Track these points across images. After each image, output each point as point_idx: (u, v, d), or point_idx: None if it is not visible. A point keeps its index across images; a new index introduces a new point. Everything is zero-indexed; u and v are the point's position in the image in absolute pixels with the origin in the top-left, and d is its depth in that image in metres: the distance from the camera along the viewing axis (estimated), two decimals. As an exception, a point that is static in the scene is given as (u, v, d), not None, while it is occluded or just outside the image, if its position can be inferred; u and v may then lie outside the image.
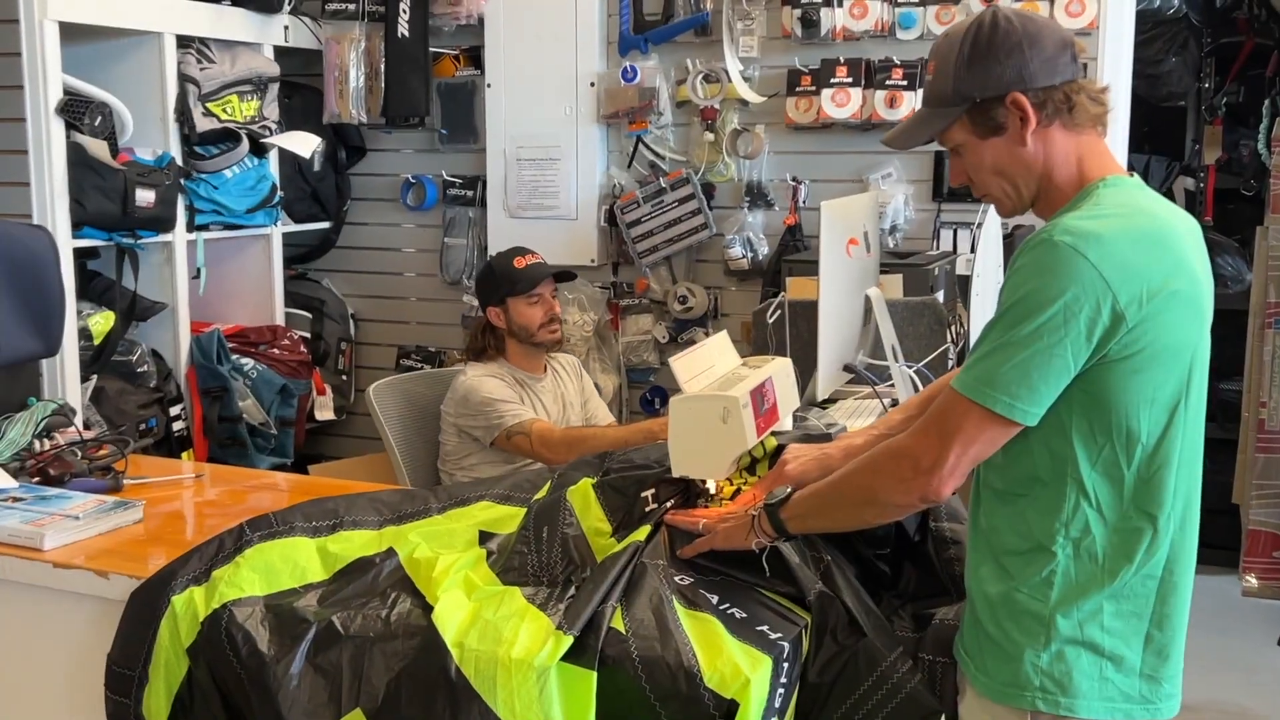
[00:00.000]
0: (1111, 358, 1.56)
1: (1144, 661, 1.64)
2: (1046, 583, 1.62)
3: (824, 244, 2.55)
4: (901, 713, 1.72)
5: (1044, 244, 1.56)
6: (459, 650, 1.76)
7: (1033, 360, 1.55)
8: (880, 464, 1.70)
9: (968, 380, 1.60)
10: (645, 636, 1.73)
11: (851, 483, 1.75)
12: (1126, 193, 1.65)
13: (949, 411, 1.61)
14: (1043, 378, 1.55)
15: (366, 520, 2.13)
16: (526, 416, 3.13)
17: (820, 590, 1.84)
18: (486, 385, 3.20)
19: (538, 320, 3.26)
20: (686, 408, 1.99)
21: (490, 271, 3.33)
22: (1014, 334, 1.55)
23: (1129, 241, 1.55)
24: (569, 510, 2.05)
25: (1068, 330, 1.53)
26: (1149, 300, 1.54)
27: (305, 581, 1.99)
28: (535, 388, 3.32)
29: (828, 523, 1.82)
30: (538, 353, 3.33)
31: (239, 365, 4.03)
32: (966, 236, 3.74)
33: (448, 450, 3.29)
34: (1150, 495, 1.61)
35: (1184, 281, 1.58)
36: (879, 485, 1.69)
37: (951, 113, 1.69)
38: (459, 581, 1.92)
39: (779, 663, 1.73)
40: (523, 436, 3.11)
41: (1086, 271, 1.52)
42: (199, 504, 2.61)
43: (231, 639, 1.86)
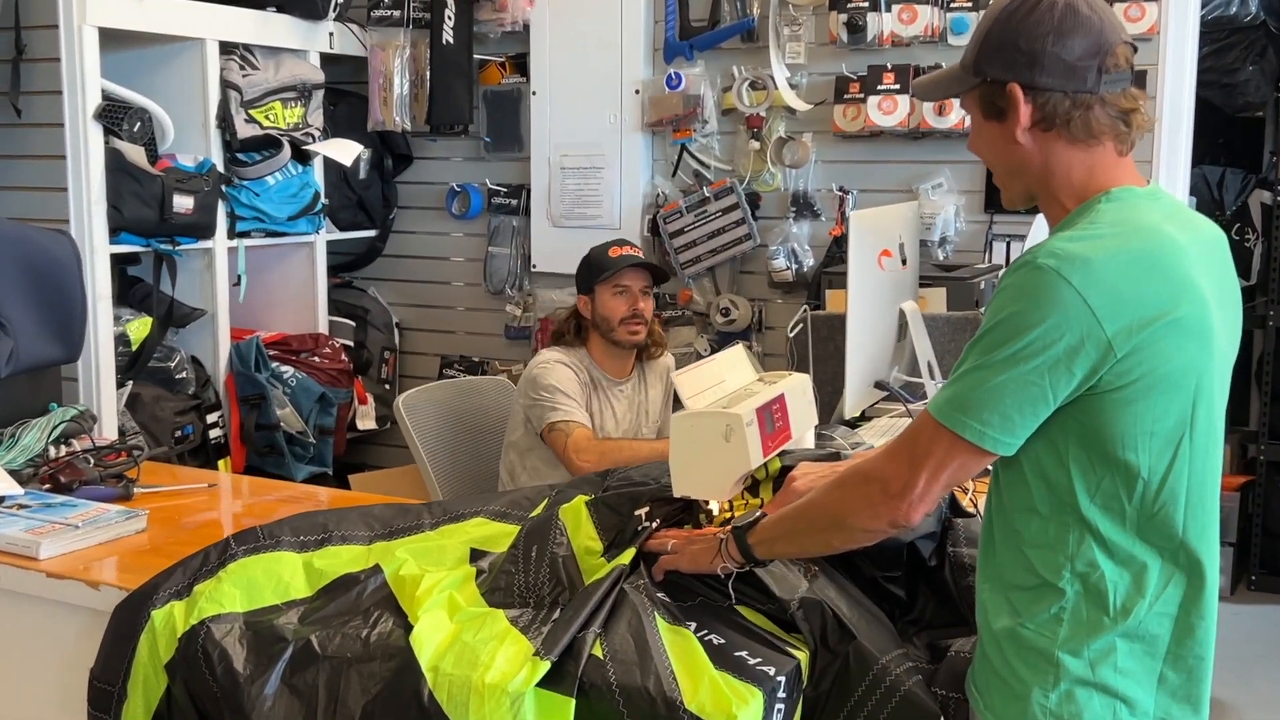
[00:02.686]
0: (1102, 388, 1.45)
1: (1157, 704, 1.53)
2: (1055, 619, 1.53)
3: (852, 256, 2.44)
4: (900, 716, 1.63)
5: (1027, 266, 1.46)
6: (434, 674, 1.68)
7: (1006, 387, 1.46)
8: (848, 488, 1.62)
9: (940, 402, 1.51)
10: (624, 662, 1.65)
11: (818, 507, 1.67)
12: (1129, 208, 1.53)
13: (920, 434, 1.53)
14: (1016, 406, 1.46)
15: (356, 535, 2.06)
16: (574, 417, 3.04)
17: (804, 598, 1.76)
18: (555, 373, 3.11)
19: (619, 314, 3.13)
20: (688, 425, 1.90)
21: (587, 259, 3.24)
22: (990, 358, 1.46)
23: (1121, 266, 1.44)
24: (560, 529, 1.96)
25: (1046, 359, 1.43)
26: (1142, 329, 1.43)
27: (288, 598, 1.93)
28: (611, 391, 3.21)
29: (795, 548, 1.75)
30: (622, 354, 3.21)
31: (278, 373, 4.02)
32: (1020, 249, 3.59)
33: (513, 440, 3.21)
34: (1156, 530, 1.51)
35: (1187, 307, 1.47)
36: (846, 510, 1.61)
37: (968, 81, 1.61)
38: (442, 601, 1.85)
39: (772, 697, 1.62)
40: (561, 435, 3.02)
41: (1070, 299, 1.42)
42: (208, 515, 2.56)
43: (207, 656, 1.81)
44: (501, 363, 4.50)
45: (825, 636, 1.73)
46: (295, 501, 2.66)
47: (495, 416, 3.51)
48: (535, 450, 3.13)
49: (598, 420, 3.16)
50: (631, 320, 3.14)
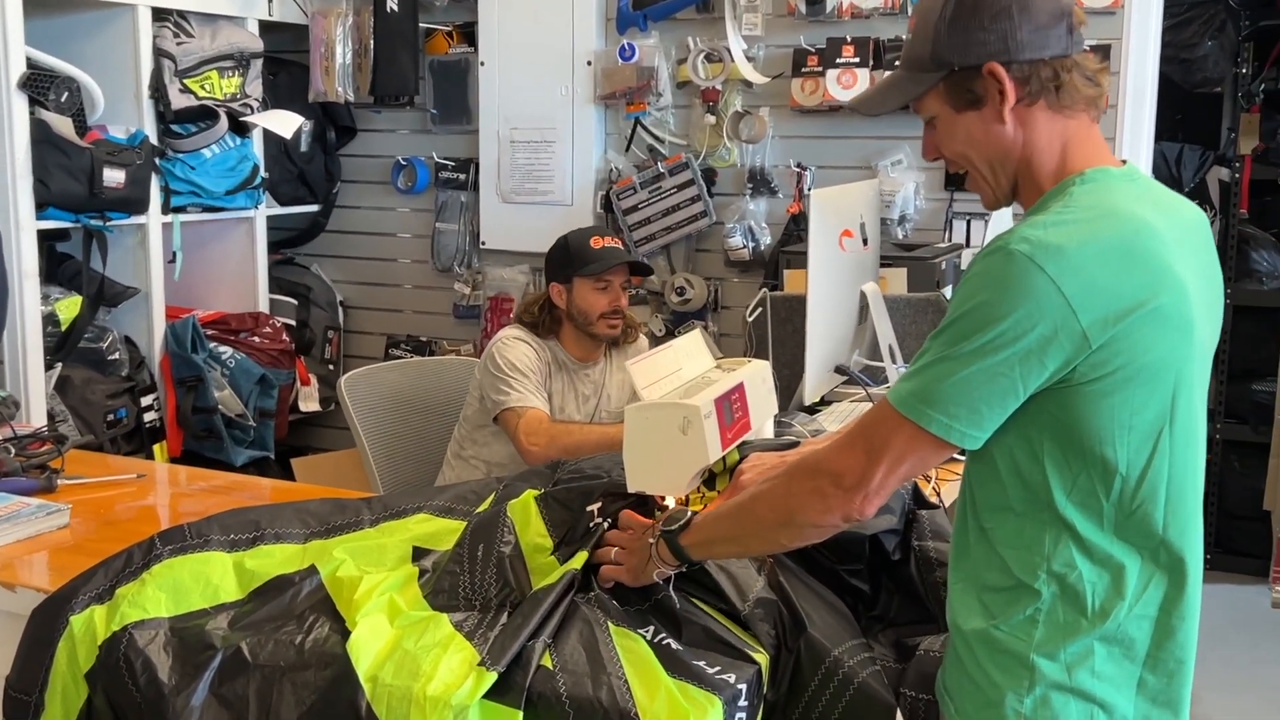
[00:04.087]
0: (1077, 381, 1.39)
1: (1137, 709, 1.47)
2: (1030, 621, 1.46)
3: (813, 236, 2.35)
4: (855, 710, 1.57)
5: (999, 253, 1.38)
6: (372, 685, 1.58)
7: (975, 379, 1.38)
8: (796, 481, 1.53)
9: (903, 393, 1.43)
10: (574, 672, 1.57)
11: (764, 503, 1.58)
12: (1105, 190, 1.46)
13: (878, 425, 1.45)
14: (984, 399, 1.39)
15: (290, 533, 1.95)
16: (528, 402, 2.94)
17: (759, 598, 1.69)
18: (514, 352, 3.00)
19: (599, 309, 3.02)
20: (642, 417, 1.80)
21: (565, 246, 3.10)
22: (957, 349, 1.39)
23: (1096, 253, 1.37)
24: (508, 526, 1.86)
25: (1017, 351, 1.36)
26: (1118, 320, 1.36)
27: (217, 601, 1.82)
28: (576, 374, 3.11)
29: (737, 548, 1.67)
30: (594, 342, 3.11)
31: (216, 354, 3.89)
32: (980, 228, 3.52)
33: (467, 415, 3.11)
34: (1135, 528, 1.45)
35: (1166, 295, 1.40)
36: (795, 505, 1.52)
37: (928, 79, 1.51)
38: (382, 605, 1.75)
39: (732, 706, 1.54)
40: (513, 417, 2.93)
41: (1043, 288, 1.35)
42: (137, 508, 2.44)
43: (130, 665, 1.70)
44: (450, 342, 4.39)
45: (784, 636, 1.65)
46: (230, 491, 2.55)
47: (442, 399, 3.40)
48: (488, 426, 3.04)
49: (558, 401, 3.06)
50: (611, 315, 3.04)
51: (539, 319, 3.06)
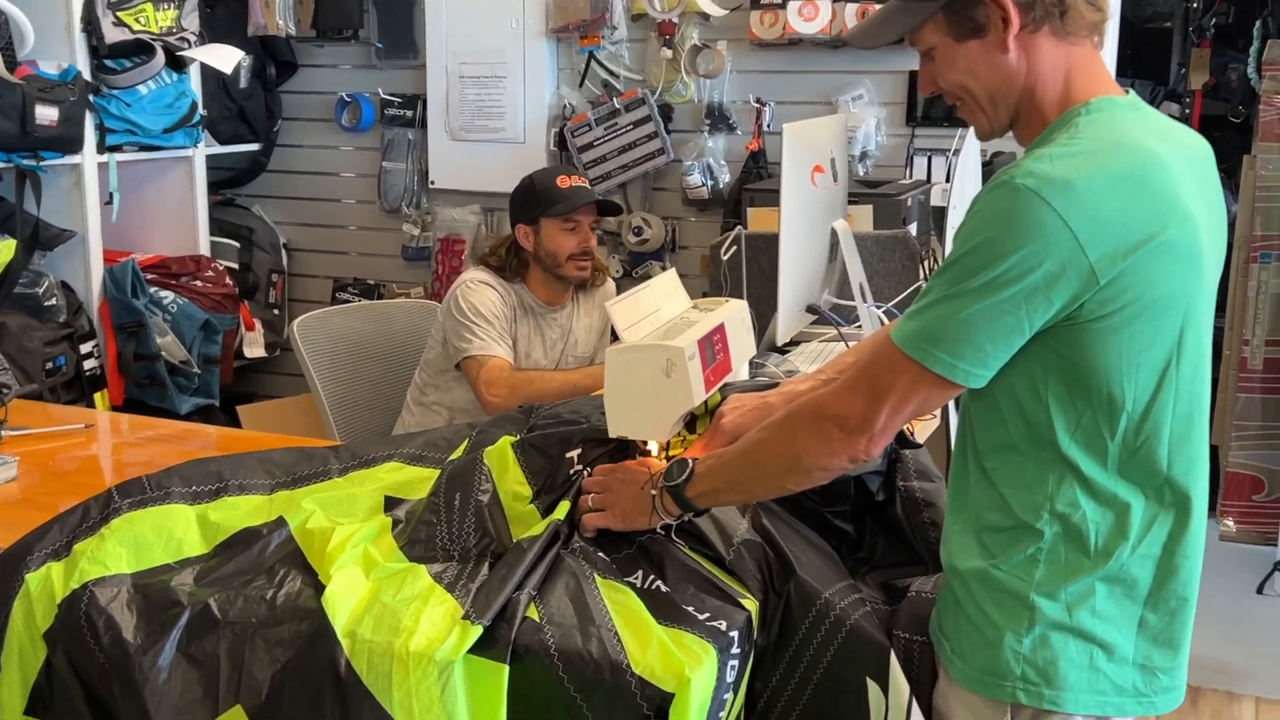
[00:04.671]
0: (1084, 317, 1.35)
1: (1137, 649, 1.45)
2: (1031, 561, 1.43)
3: (786, 170, 2.28)
4: (847, 652, 1.54)
5: (1004, 187, 1.34)
6: (350, 641, 1.52)
7: (980, 317, 1.35)
8: (800, 426, 1.50)
9: (906, 333, 1.40)
10: (562, 625, 1.52)
11: (768, 449, 1.54)
12: (1111, 120, 1.41)
13: (882, 366, 1.42)
14: (990, 338, 1.36)
15: (255, 484, 1.87)
16: (491, 350, 2.87)
17: (744, 540, 1.65)
18: (479, 297, 2.92)
19: (568, 250, 2.95)
20: (624, 359, 1.74)
21: (530, 186, 3.01)
22: (963, 286, 1.35)
23: (1104, 186, 1.33)
24: (485, 474, 1.79)
25: (1024, 288, 1.33)
26: (1127, 255, 1.33)
27: (181, 556, 1.74)
28: (543, 319, 3.04)
29: (743, 495, 1.65)
30: (562, 285, 3.03)
31: (157, 299, 3.77)
32: (942, 164, 3.48)
33: (429, 359, 3.04)
34: (1139, 467, 1.42)
35: (1176, 228, 1.36)
36: (800, 450, 1.49)
37: (926, 8, 1.46)
38: (357, 557, 1.68)
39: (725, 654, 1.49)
40: (475, 365, 2.86)
41: (1050, 223, 1.31)
42: (86, 459, 2.34)
43: (91, 624, 1.62)
44: (400, 285, 4.29)
45: (770, 579, 1.61)
46: (182, 440, 2.46)
47: (397, 343, 3.32)
48: (450, 371, 2.97)
49: (524, 346, 2.99)
50: (581, 257, 2.96)
51: (505, 262, 2.98)
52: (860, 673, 1.53)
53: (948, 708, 1.51)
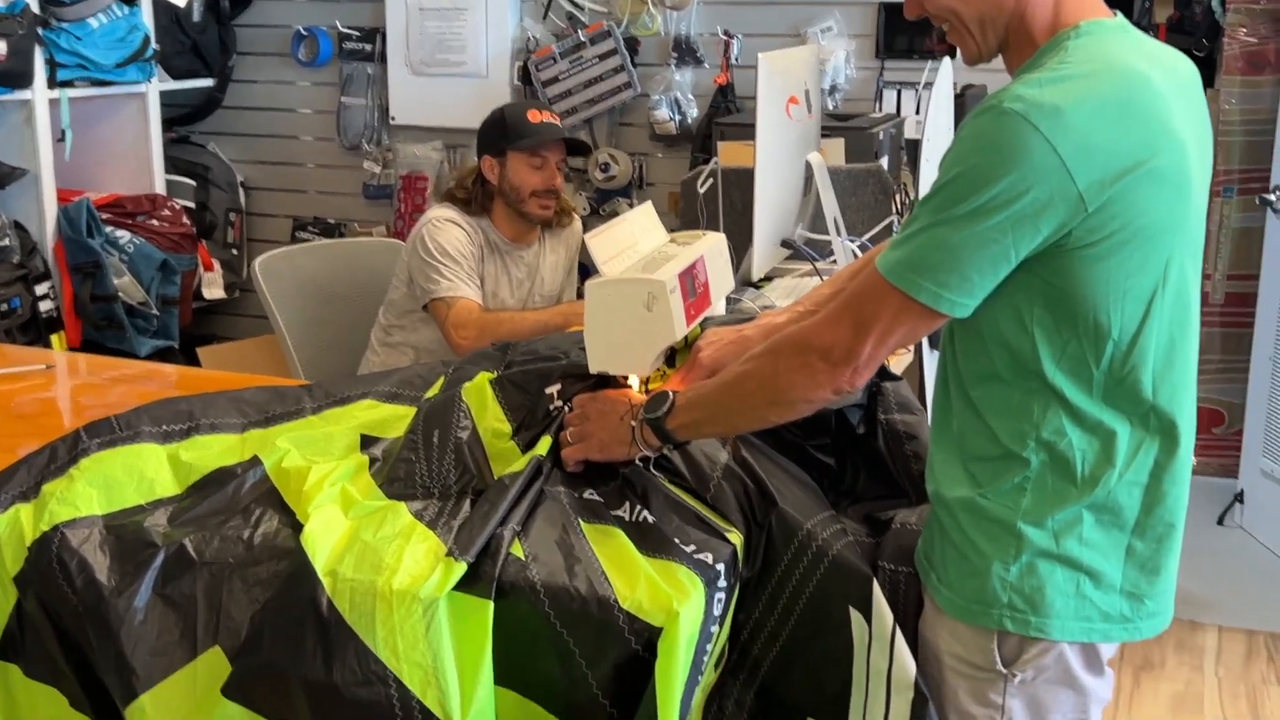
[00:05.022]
0: (1072, 245, 1.33)
1: (1125, 577, 1.44)
2: (1018, 490, 1.42)
3: (761, 101, 2.25)
4: (830, 582, 1.53)
5: (992, 112, 1.31)
6: (331, 580, 1.49)
7: (967, 245, 1.32)
8: (784, 358, 1.47)
9: (892, 262, 1.37)
10: (547, 563, 1.50)
11: (751, 381, 1.52)
12: (1100, 44, 1.39)
13: (867, 296, 1.40)
14: (976, 266, 1.33)
15: (227, 423, 1.83)
16: (459, 291, 2.82)
17: (724, 472, 1.63)
18: (446, 236, 2.86)
19: (531, 186, 2.88)
20: (605, 293, 1.70)
21: (500, 117, 2.94)
22: (949, 214, 1.33)
23: (1094, 111, 1.30)
24: (464, 411, 1.76)
25: (1010, 215, 1.30)
26: (1116, 181, 1.31)
27: (153, 497, 1.70)
28: (510, 257, 2.98)
29: (725, 428, 1.62)
30: (528, 223, 2.98)
31: (113, 238, 3.69)
32: (911, 98, 3.46)
33: (394, 299, 2.98)
34: (1124, 395, 1.41)
35: (1166, 154, 1.34)
36: (784, 382, 1.47)
37: None
38: (335, 496, 1.64)
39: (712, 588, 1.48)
40: (443, 307, 2.81)
41: (1039, 149, 1.28)
42: (48, 400, 2.29)
43: (64, 567, 1.58)
44: (361, 224, 4.23)
45: (752, 512, 1.60)
46: (145, 381, 2.41)
47: (362, 283, 3.26)
48: (416, 311, 2.92)
49: (491, 286, 2.94)
50: (545, 195, 2.90)
51: (471, 194, 2.93)
52: (843, 603, 1.52)
53: (934, 636, 1.51)
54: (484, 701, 1.44)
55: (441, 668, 1.43)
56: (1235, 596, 3.34)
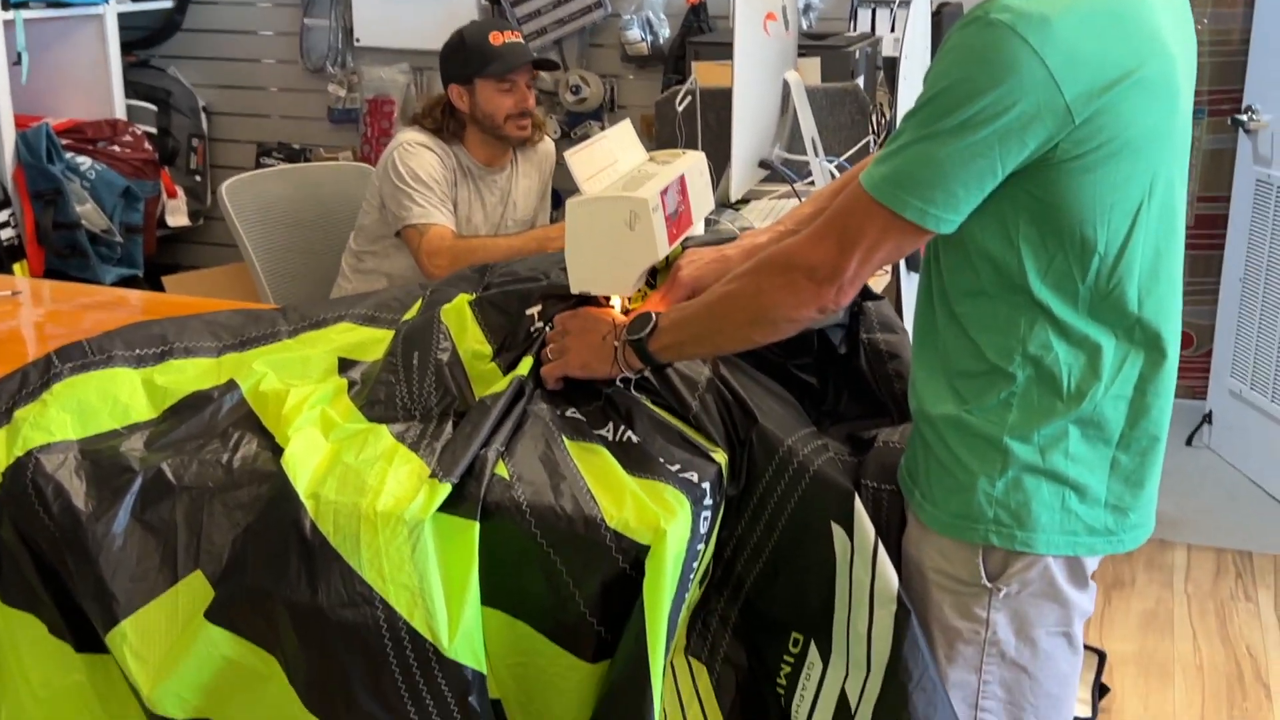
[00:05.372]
0: (1059, 158, 1.32)
1: (1109, 490, 1.45)
2: (1004, 405, 1.42)
3: (739, 17, 2.21)
4: (811, 498, 1.53)
5: (978, 24, 1.29)
6: (314, 502, 1.47)
7: (952, 160, 1.31)
8: (768, 277, 1.46)
9: (876, 178, 1.35)
10: (533, 483, 1.49)
11: (734, 301, 1.50)
12: None
13: (851, 213, 1.38)
14: (962, 181, 1.32)
15: (201, 347, 1.80)
16: (432, 218, 2.77)
17: (704, 394, 1.62)
18: (417, 160, 2.80)
19: (505, 111, 2.83)
20: (586, 212, 1.68)
21: (460, 43, 2.86)
22: (935, 128, 1.31)
23: (1081, 21, 1.28)
24: (443, 333, 1.74)
25: (997, 129, 1.28)
26: (1104, 92, 1.29)
27: (129, 421, 1.67)
28: (483, 181, 2.94)
29: (708, 348, 1.61)
30: (501, 146, 2.93)
31: (74, 165, 3.60)
32: (885, 17, 3.41)
33: (364, 225, 2.93)
34: (1110, 308, 1.40)
35: (1154, 64, 1.32)
36: (768, 301, 1.45)
37: None
38: (314, 419, 1.62)
39: (698, 506, 1.48)
40: (416, 234, 2.77)
41: (1026, 60, 1.26)
42: (13, 329, 2.24)
43: (40, 492, 1.55)
44: (327, 149, 4.16)
45: (734, 429, 1.59)
46: (115, 308, 2.37)
47: (331, 209, 3.21)
48: (388, 238, 2.87)
49: (464, 211, 2.90)
50: (519, 117, 2.85)
51: (441, 123, 2.87)
52: (825, 518, 1.52)
53: (918, 553, 1.51)
54: (471, 622, 1.44)
55: (428, 589, 1.42)
56: (1204, 515, 3.39)
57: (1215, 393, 3.82)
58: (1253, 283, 3.61)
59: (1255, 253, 3.59)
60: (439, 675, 1.43)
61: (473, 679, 1.44)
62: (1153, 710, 2.59)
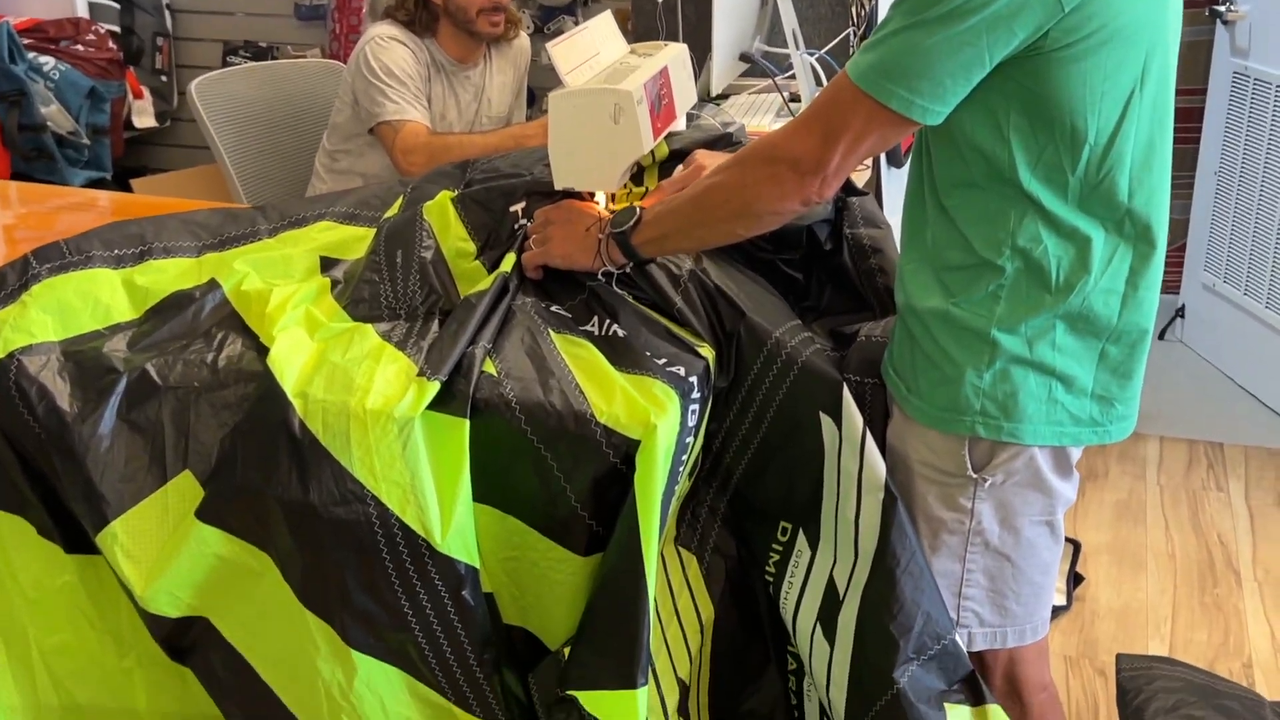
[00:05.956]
0: (1049, 47, 1.30)
1: (1097, 381, 1.46)
2: (992, 298, 1.42)
3: (718, -94, 2.16)
4: (800, 389, 1.54)
5: None
6: (302, 401, 1.47)
7: (939, 50, 1.29)
8: (751, 169, 1.44)
9: (862, 67, 1.34)
10: (521, 379, 1.48)
11: (718, 194, 1.48)
12: None
13: (836, 103, 1.36)
14: (949, 71, 1.30)
15: (181, 246, 1.77)
16: (406, 115, 2.72)
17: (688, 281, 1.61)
18: (390, 55, 2.74)
19: (478, 4, 2.77)
20: (570, 105, 1.65)
21: None
22: (922, 16, 1.29)
23: None
24: (426, 230, 1.72)
25: (985, 17, 1.27)
26: None
27: (110, 322, 1.65)
28: (456, 78, 2.88)
29: (691, 242, 1.59)
30: (474, 41, 2.86)
31: (37, 65, 3.52)
32: (864, -92, 3.33)
33: (338, 123, 2.88)
34: (1100, 200, 1.40)
35: None
36: (752, 195, 1.44)
37: None
38: (299, 318, 1.61)
39: (686, 399, 1.48)
40: (390, 131, 2.72)
41: None
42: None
43: (24, 394, 1.54)
44: (295, 47, 4.07)
45: (720, 322, 1.59)
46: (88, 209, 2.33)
47: (303, 108, 3.15)
48: (362, 135, 2.82)
49: (438, 107, 2.85)
50: (493, 12, 2.78)
51: (414, 16, 2.81)
52: (813, 408, 1.53)
53: (903, 445, 1.52)
54: (463, 518, 1.45)
55: (420, 486, 1.43)
56: (1176, 408, 3.43)
57: (1188, 287, 3.85)
58: (1228, 176, 3.61)
59: (1231, 146, 3.59)
60: (432, 570, 1.44)
61: (466, 573, 1.45)
62: (1125, 597, 2.64)
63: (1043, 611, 1.56)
